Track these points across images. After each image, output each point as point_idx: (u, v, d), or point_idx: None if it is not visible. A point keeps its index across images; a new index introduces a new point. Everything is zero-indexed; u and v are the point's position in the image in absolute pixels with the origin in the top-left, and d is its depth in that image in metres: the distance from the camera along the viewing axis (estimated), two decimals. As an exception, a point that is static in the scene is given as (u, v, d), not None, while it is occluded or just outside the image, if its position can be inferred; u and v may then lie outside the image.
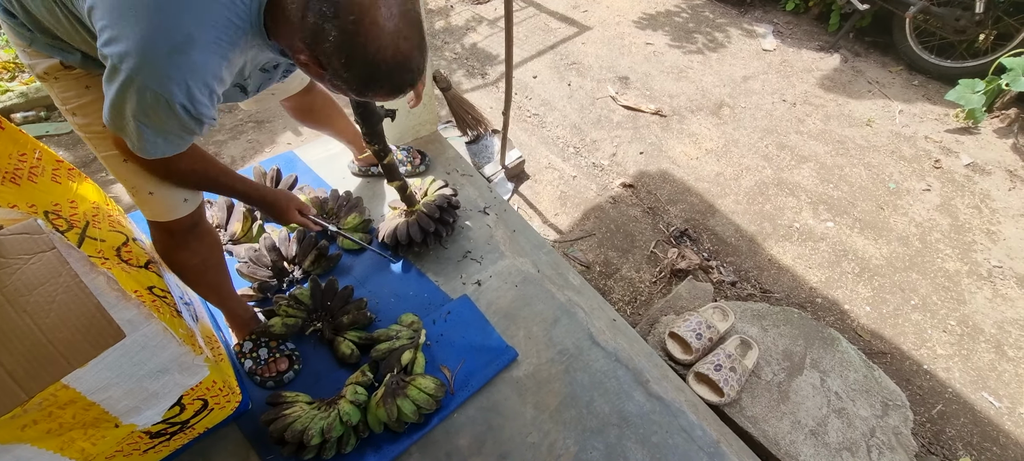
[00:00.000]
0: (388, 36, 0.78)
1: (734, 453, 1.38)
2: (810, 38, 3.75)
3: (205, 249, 1.26)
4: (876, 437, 1.58)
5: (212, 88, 0.84)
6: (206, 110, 0.85)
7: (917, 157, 2.84)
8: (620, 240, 2.42)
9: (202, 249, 1.25)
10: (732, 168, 2.77)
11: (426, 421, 1.36)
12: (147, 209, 1.12)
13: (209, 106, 0.86)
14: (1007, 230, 2.47)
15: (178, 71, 0.78)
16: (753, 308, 1.91)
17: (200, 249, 1.24)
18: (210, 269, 1.29)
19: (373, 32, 0.77)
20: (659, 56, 3.57)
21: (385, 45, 0.79)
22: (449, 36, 3.75)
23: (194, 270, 1.26)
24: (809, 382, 1.69)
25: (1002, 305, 2.18)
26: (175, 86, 0.79)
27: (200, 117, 0.85)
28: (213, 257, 1.29)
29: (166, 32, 0.75)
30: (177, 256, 1.22)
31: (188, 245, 1.21)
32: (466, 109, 2.35)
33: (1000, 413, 1.87)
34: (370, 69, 0.81)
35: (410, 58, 0.83)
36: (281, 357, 1.44)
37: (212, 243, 1.28)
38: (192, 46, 0.77)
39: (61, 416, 0.87)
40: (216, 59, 0.81)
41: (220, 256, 1.33)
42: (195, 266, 1.26)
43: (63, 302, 0.76)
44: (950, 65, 3.20)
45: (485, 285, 1.70)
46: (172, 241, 1.19)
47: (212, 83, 0.83)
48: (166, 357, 0.95)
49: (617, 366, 1.51)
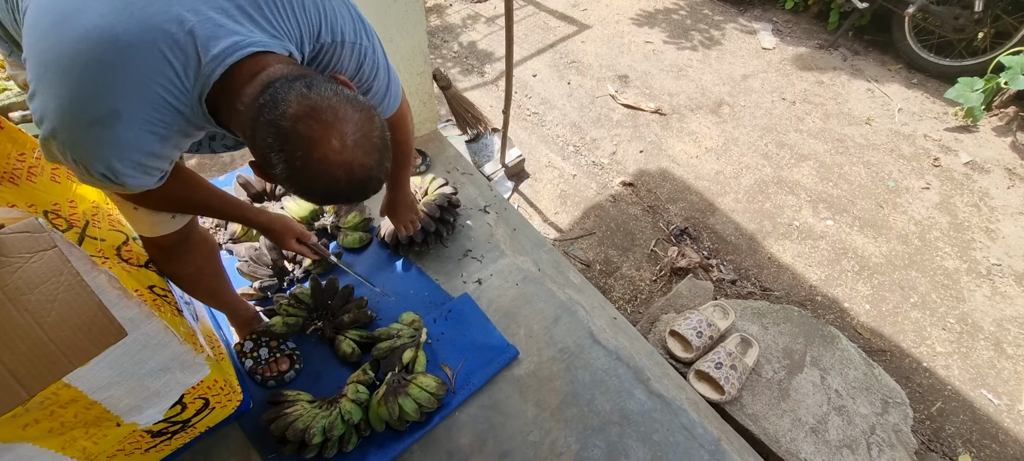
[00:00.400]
0: (340, 168, 0.72)
1: (735, 451, 1.39)
2: (809, 36, 3.75)
3: (199, 258, 1.20)
4: (876, 434, 1.59)
5: (140, 162, 0.76)
6: (132, 181, 0.77)
7: (916, 155, 2.84)
8: (620, 238, 2.42)
9: (196, 258, 1.19)
10: (732, 166, 2.77)
11: (428, 419, 1.36)
12: (133, 224, 1.08)
13: (137, 177, 0.77)
14: (1006, 228, 2.47)
15: (97, 144, 0.71)
16: (753, 306, 1.91)
17: (194, 259, 1.18)
18: (206, 276, 1.25)
19: (322, 167, 0.71)
20: (658, 55, 3.57)
21: (337, 177, 0.72)
22: (447, 35, 3.75)
23: (189, 278, 1.22)
24: (809, 380, 1.69)
25: (1001, 303, 2.18)
26: (93, 158, 0.72)
27: (123, 185, 0.77)
28: (209, 265, 1.25)
29: (88, 103, 0.69)
30: (169, 267, 1.17)
31: (180, 257, 1.15)
32: (466, 107, 2.35)
33: (999, 410, 1.87)
34: (319, 196, 0.76)
35: (366, 182, 0.76)
36: (282, 356, 1.44)
37: (207, 251, 1.23)
38: (117, 122, 0.70)
39: (63, 415, 0.87)
40: (147, 137, 0.73)
41: (216, 263, 1.28)
42: (190, 275, 1.21)
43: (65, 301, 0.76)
44: (949, 63, 3.20)
45: (486, 283, 1.70)
46: (162, 254, 1.14)
47: (140, 158, 0.75)
48: (167, 355, 0.95)
49: (618, 364, 1.52)
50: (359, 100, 0.75)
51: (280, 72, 0.73)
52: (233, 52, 0.72)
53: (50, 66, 0.69)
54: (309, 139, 0.69)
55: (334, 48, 0.88)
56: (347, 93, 0.74)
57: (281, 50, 0.78)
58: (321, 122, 0.69)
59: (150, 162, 0.77)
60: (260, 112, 0.70)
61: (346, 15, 0.90)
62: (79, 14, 0.69)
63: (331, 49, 0.88)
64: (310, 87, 0.70)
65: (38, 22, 0.71)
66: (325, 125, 0.70)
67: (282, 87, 0.70)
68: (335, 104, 0.71)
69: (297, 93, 0.69)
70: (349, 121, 0.72)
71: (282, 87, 0.70)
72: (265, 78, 0.72)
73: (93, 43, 0.68)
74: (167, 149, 0.78)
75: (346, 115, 0.71)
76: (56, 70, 0.69)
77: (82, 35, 0.68)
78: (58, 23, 0.69)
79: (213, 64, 0.72)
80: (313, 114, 0.69)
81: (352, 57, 0.91)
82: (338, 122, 0.70)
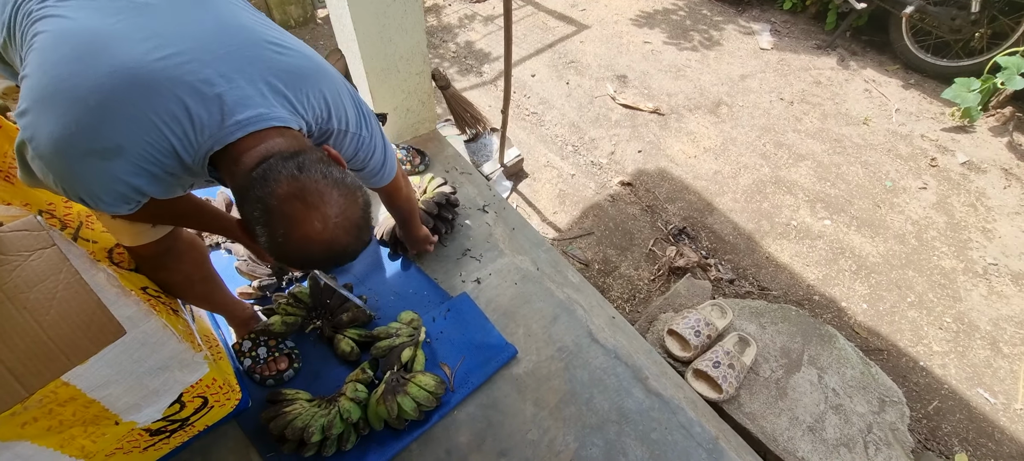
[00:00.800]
0: (319, 245, 0.76)
1: (732, 449, 1.39)
2: (807, 37, 3.76)
3: (186, 266, 1.17)
4: (873, 433, 1.59)
5: (124, 194, 0.77)
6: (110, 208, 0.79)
7: (913, 155, 2.85)
8: (619, 238, 2.43)
9: (182, 266, 1.16)
10: (730, 166, 2.78)
11: (426, 418, 1.36)
12: (113, 233, 1.06)
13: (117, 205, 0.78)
14: (1002, 228, 2.48)
15: (87, 174, 0.72)
16: (751, 305, 1.92)
17: (180, 267, 1.15)
18: (196, 283, 1.23)
19: (302, 244, 0.75)
20: (657, 55, 3.57)
21: (314, 252, 0.77)
22: (445, 34, 3.75)
23: (178, 286, 1.18)
24: (807, 379, 1.70)
25: (997, 302, 2.19)
26: (78, 184, 0.74)
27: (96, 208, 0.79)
28: (198, 272, 1.22)
29: (91, 134, 0.70)
30: (156, 276, 1.14)
31: (165, 266, 1.13)
32: (465, 107, 2.35)
33: (995, 409, 1.88)
34: (296, 265, 0.82)
35: (342, 256, 0.81)
36: (281, 355, 1.44)
37: (195, 258, 1.20)
38: (117, 157, 0.72)
39: (61, 413, 0.87)
40: (140, 175, 0.75)
41: (206, 269, 1.25)
42: (178, 283, 1.17)
43: (63, 299, 0.76)
44: (946, 64, 3.22)
45: (484, 283, 1.70)
46: (147, 264, 1.12)
47: (126, 191, 0.76)
48: (166, 354, 0.95)
49: (616, 363, 1.52)
50: (346, 182, 0.79)
51: (278, 146, 0.77)
52: (256, 122, 0.77)
53: (64, 91, 0.70)
54: (293, 218, 0.74)
55: (339, 134, 0.96)
56: (335, 174, 0.78)
57: (296, 125, 0.84)
58: (306, 204, 0.74)
59: (133, 195, 0.78)
60: (252, 185, 0.73)
61: (352, 108, 0.98)
62: (111, 51, 0.71)
63: (337, 134, 0.96)
64: (301, 168, 0.74)
65: (57, 47, 0.72)
66: (310, 207, 0.74)
67: (276, 165, 0.74)
68: (322, 187, 0.75)
69: (288, 173, 0.73)
70: (333, 203, 0.76)
71: (276, 165, 0.74)
72: (264, 151, 0.76)
73: (121, 81, 0.70)
74: (155, 188, 0.80)
75: (330, 198, 0.76)
76: (70, 96, 0.70)
77: (110, 71, 0.70)
78: (85, 55, 0.71)
79: (234, 128, 0.76)
80: (300, 195, 0.73)
81: (352, 144, 1.00)
82: (322, 204, 0.75)
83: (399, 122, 2.11)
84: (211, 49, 0.77)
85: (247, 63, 0.80)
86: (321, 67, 0.93)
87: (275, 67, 0.83)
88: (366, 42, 1.77)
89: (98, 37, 0.72)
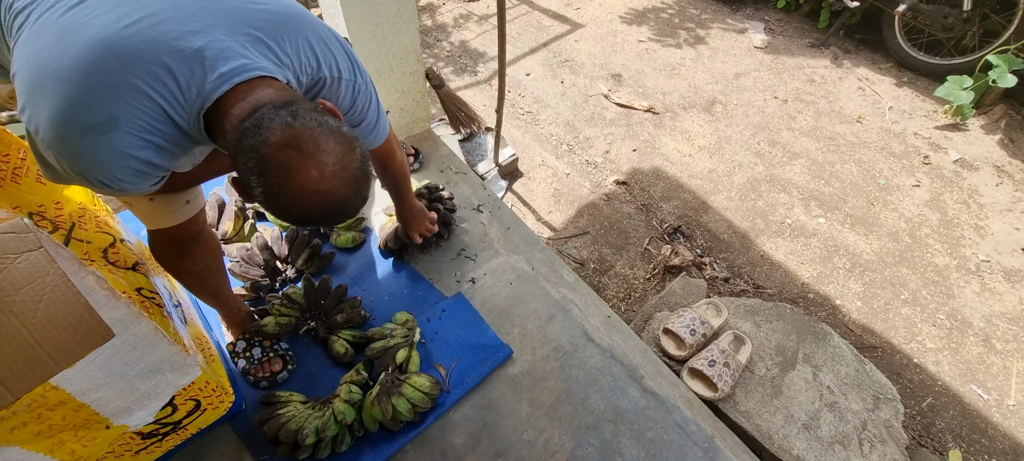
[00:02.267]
0: (316, 196, 0.74)
1: (728, 448, 1.39)
2: (801, 35, 3.78)
3: (207, 255, 1.20)
4: (867, 430, 1.60)
5: (137, 169, 0.76)
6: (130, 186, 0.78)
7: (907, 153, 2.86)
8: (614, 237, 2.43)
9: (204, 255, 1.19)
10: (725, 165, 2.78)
11: (421, 419, 1.35)
12: (147, 218, 1.06)
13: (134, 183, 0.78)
14: (994, 225, 2.50)
15: (93, 151, 0.72)
16: (746, 304, 1.92)
17: (202, 255, 1.19)
18: (212, 273, 1.26)
19: (299, 194, 0.73)
20: (651, 53, 3.58)
21: (312, 204, 0.74)
22: (440, 33, 3.74)
23: (197, 275, 1.22)
24: (802, 377, 1.70)
25: (990, 299, 2.21)
26: (91, 166, 0.74)
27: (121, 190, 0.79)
28: (215, 262, 1.25)
29: (84, 109, 0.70)
30: (180, 264, 1.16)
31: (191, 252, 1.15)
32: (459, 106, 2.34)
33: (989, 405, 1.89)
34: (293, 219, 0.79)
35: (341, 211, 0.79)
36: (275, 357, 1.43)
37: (214, 248, 1.24)
38: (114, 128, 0.71)
39: (50, 418, 0.85)
40: (143, 146, 0.74)
41: (220, 261, 1.29)
42: (198, 271, 1.21)
43: (51, 302, 0.75)
44: (938, 62, 3.23)
45: (479, 283, 1.70)
46: (176, 250, 1.13)
47: (138, 166, 0.76)
48: (157, 357, 0.94)
49: (612, 362, 1.52)
50: (342, 131, 0.77)
51: (269, 97, 0.74)
52: (240, 73, 0.75)
53: (50, 75, 0.70)
54: (288, 168, 0.71)
55: (332, 83, 0.93)
56: (331, 123, 0.75)
57: (282, 78, 0.81)
58: (301, 152, 0.71)
59: (146, 169, 0.78)
60: (244, 136, 0.71)
61: (342, 55, 0.95)
62: (85, 27, 0.71)
63: (330, 84, 0.93)
64: (295, 116, 0.72)
65: (40, 36, 0.73)
66: (305, 155, 0.72)
67: (268, 113, 0.71)
68: (317, 135, 0.73)
69: (281, 121, 0.71)
70: (329, 152, 0.74)
71: (268, 113, 0.71)
72: (254, 101, 0.74)
73: (97, 53, 0.70)
74: (165, 160, 0.79)
75: (327, 146, 0.73)
76: (55, 78, 0.70)
77: (86, 45, 0.70)
78: (62, 37, 0.71)
79: (218, 81, 0.74)
80: (294, 143, 0.71)
81: (348, 92, 0.97)
82: (318, 153, 0.72)
83: (393, 121, 2.10)
84: (183, 7, 0.76)
85: (223, 16, 0.78)
86: (302, 14, 0.89)
87: (252, 18, 0.81)
88: (359, 41, 1.76)
89: (74, 18, 0.72)
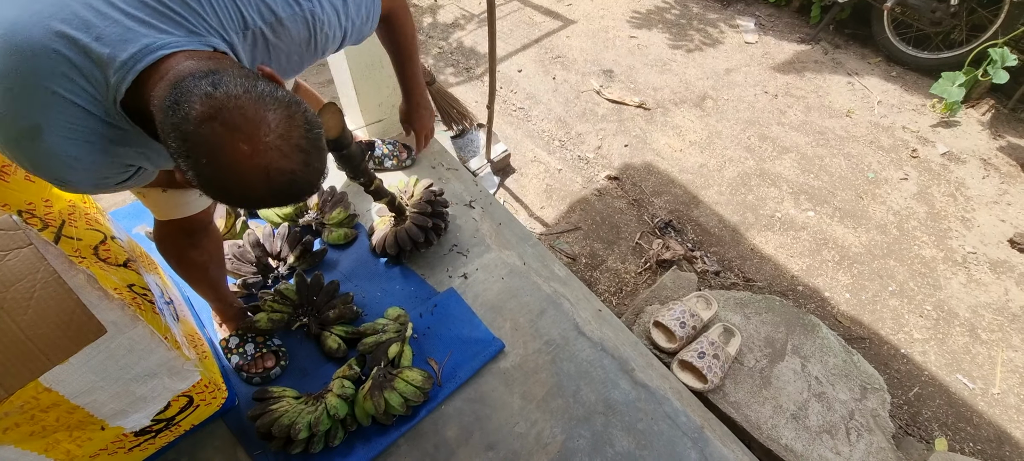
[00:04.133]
0: (253, 173, 0.66)
1: (717, 438, 1.41)
2: (791, 30, 3.80)
3: (212, 246, 1.23)
4: (855, 419, 1.62)
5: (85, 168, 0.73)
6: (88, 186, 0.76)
7: (895, 147, 2.89)
8: (605, 232, 2.44)
9: (210, 246, 1.22)
10: (715, 159, 2.80)
11: (414, 413, 1.36)
12: (159, 209, 1.07)
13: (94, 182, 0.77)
14: (981, 217, 2.53)
15: (35, 155, 0.70)
16: (736, 296, 1.94)
17: (209, 246, 1.22)
18: (214, 265, 1.28)
19: (232, 173, 0.66)
20: (643, 49, 3.59)
21: (252, 183, 0.67)
22: (434, 31, 3.73)
23: (201, 266, 1.24)
24: (790, 368, 1.72)
25: (976, 290, 2.24)
26: (38, 168, 0.72)
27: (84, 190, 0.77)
28: (218, 253, 1.28)
29: (9, 119, 0.68)
30: (188, 255, 1.18)
31: (199, 243, 1.18)
32: (450, 103, 2.35)
33: (974, 394, 1.93)
34: (238, 202, 0.73)
35: (289, 187, 0.70)
36: (268, 353, 1.44)
37: (218, 240, 1.27)
38: (41, 133, 0.68)
39: (44, 419, 0.86)
40: (78, 146, 0.71)
41: (222, 253, 1.33)
42: (202, 263, 1.23)
43: (41, 298, 0.75)
44: (927, 56, 3.27)
45: (471, 278, 1.71)
46: (186, 240, 1.15)
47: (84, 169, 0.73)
48: (154, 361, 0.94)
49: (603, 355, 1.53)
50: (277, 96, 0.68)
51: (189, 69, 0.66)
52: (143, 57, 0.68)
53: None
54: (213, 144, 0.64)
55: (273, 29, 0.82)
56: (262, 89, 0.67)
57: (202, 46, 0.73)
58: (226, 124, 0.64)
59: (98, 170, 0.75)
60: (166, 115, 0.64)
61: None
62: None
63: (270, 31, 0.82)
64: (216, 86, 0.64)
65: None
66: (231, 128, 0.64)
67: (187, 86, 0.64)
68: (243, 104, 0.64)
69: (201, 93, 0.63)
70: (260, 123, 0.65)
71: (187, 86, 0.64)
72: (173, 77, 0.66)
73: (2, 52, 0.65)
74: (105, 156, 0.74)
75: (257, 115, 0.65)
76: None
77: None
78: None
79: (122, 72, 0.67)
80: (217, 115, 0.63)
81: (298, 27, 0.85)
82: (246, 123, 0.64)
83: (384, 118, 2.10)
84: None
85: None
86: None
87: None
88: (350, 38, 1.76)
89: None
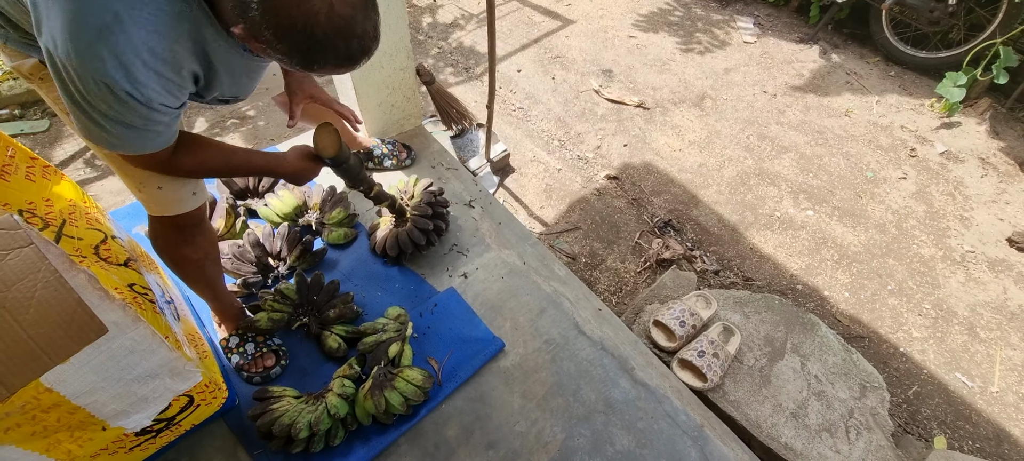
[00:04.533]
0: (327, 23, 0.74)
1: (717, 436, 1.41)
2: (790, 30, 3.80)
3: (207, 243, 1.25)
4: (854, 418, 1.63)
5: (157, 70, 0.78)
6: (155, 94, 0.80)
7: (894, 146, 2.90)
8: (605, 231, 2.44)
9: (205, 243, 1.24)
10: (714, 159, 2.81)
11: (414, 412, 1.36)
12: (154, 205, 1.10)
13: (160, 91, 0.80)
14: (979, 216, 2.54)
15: (111, 52, 0.73)
16: (735, 296, 1.95)
17: (203, 244, 1.23)
18: (210, 263, 1.29)
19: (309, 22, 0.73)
20: (642, 49, 3.59)
21: (316, 11, 0.73)
22: (433, 31, 3.73)
23: (196, 265, 1.25)
24: (790, 366, 1.73)
25: (974, 288, 2.25)
26: (112, 69, 0.74)
27: (149, 103, 0.80)
28: (213, 251, 1.29)
29: (91, 11, 0.71)
30: (181, 251, 1.20)
31: (193, 240, 1.20)
32: (450, 103, 2.35)
33: (973, 393, 1.93)
34: (303, 39, 0.76)
35: (351, 23, 0.77)
36: (268, 352, 1.44)
37: (212, 238, 1.28)
38: (121, 25, 0.72)
39: (45, 419, 0.86)
40: (155, 37, 0.76)
41: (218, 252, 1.33)
42: (197, 261, 1.24)
43: (42, 298, 0.75)
44: (925, 56, 3.27)
45: (471, 277, 1.71)
46: (179, 236, 1.17)
47: (155, 63, 0.77)
48: (155, 362, 0.94)
49: (603, 354, 1.54)
50: None
51: None
52: None
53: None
54: None
55: None
56: None
57: None
58: None
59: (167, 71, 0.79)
60: None
61: None
62: None
63: None
64: None
65: None
66: None
67: None
68: None
69: None
70: None
71: None
72: None
73: None
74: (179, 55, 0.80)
75: None
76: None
77: None
78: None
79: None
80: None
81: None
82: None
83: (384, 118, 2.11)
84: None
85: None
86: None
87: None
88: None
89: None
